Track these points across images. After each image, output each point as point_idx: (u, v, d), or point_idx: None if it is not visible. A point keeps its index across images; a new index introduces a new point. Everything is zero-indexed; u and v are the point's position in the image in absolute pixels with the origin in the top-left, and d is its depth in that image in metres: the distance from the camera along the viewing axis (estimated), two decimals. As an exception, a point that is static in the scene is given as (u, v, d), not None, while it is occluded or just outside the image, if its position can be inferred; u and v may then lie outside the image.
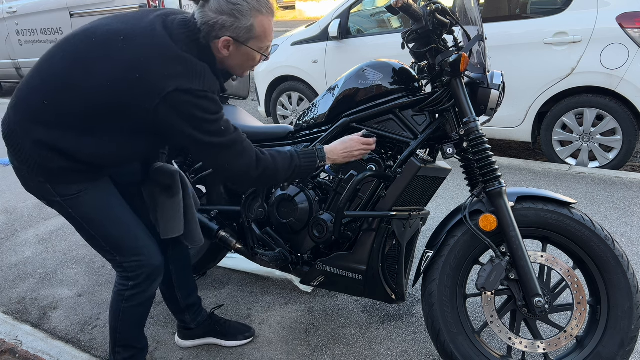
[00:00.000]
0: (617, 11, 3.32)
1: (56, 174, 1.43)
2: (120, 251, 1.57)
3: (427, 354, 1.94)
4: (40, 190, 1.48)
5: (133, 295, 1.63)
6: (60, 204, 1.49)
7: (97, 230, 1.54)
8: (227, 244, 2.07)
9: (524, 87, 3.69)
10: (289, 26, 14.06)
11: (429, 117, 1.74)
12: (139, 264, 1.59)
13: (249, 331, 2.07)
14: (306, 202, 1.88)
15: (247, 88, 2.35)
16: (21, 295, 2.49)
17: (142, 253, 1.58)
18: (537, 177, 3.57)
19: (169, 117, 1.36)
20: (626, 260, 1.57)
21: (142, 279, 1.61)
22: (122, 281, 1.63)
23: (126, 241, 1.56)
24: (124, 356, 1.74)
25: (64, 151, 1.39)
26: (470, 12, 1.75)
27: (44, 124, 1.38)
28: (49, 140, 1.38)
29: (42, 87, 1.39)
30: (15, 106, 1.41)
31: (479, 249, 1.70)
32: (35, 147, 1.39)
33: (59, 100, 1.37)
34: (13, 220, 3.37)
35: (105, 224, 1.54)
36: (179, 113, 1.35)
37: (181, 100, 1.34)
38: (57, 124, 1.38)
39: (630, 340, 1.56)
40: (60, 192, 1.47)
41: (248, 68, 1.57)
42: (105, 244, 1.56)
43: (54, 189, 1.46)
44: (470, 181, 1.73)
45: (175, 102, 1.34)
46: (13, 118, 1.42)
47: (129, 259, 1.58)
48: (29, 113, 1.39)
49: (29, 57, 7.22)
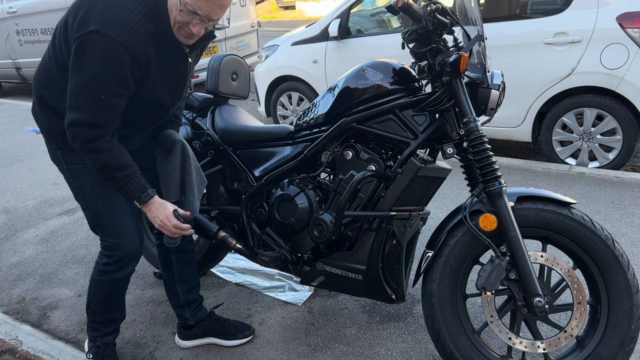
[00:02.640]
0: (617, 11, 3.32)
1: (63, 138, 1.57)
2: (102, 229, 1.70)
3: (427, 354, 1.94)
4: (55, 157, 1.67)
5: (104, 271, 1.75)
6: (66, 172, 1.66)
7: (87, 204, 1.68)
8: (227, 244, 2.07)
9: (524, 87, 3.69)
10: (289, 26, 14.06)
11: (429, 117, 1.74)
12: (114, 246, 1.69)
13: (248, 330, 2.07)
14: (306, 202, 1.88)
15: (247, 88, 2.36)
16: (21, 295, 2.49)
17: (120, 237, 1.68)
18: (537, 177, 3.57)
19: (78, 52, 1.38)
20: (626, 260, 1.57)
21: (114, 260, 1.71)
22: (100, 255, 1.76)
23: (109, 222, 1.68)
24: (93, 318, 1.87)
25: (60, 112, 1.52)
26: (470, 12, 1.75)
27: (46, 86, 1.56)
28: (50, 101, 1.56)
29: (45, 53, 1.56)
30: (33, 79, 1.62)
31: (479, 249, 1.70)
32: (44, 111, 1.58)
33: (49, 57, 1.52)
34: (13, 220, 3.37)
35: (95, 201, 1.66)
36: (83, 57, 1.38)
37: (95, 42, 1.35)
38: (51, 83, 1.54)
39: (630, 340, 1.56)
40: (67, 159, 1.63)
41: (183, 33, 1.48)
42: (91, 219, 1.72)
43: (63, 156, 1.64)
44: (470, 181, 1.73)
45: (87, 44, 1.36)
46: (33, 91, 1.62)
47: (107, 239, 1.70)
48: (37, 80, 1.59)
49: (29, 57, 7.23)
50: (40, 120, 1.64)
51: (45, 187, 3.92)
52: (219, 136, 2.11)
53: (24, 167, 4.41)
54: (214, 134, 2.12)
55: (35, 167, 4.40)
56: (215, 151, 2.12)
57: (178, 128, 1.90)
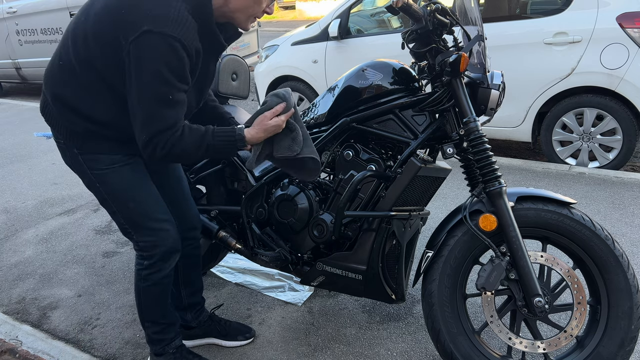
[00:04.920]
0: (617, 11, 3.32)
1: (83, 140, 1.53)
2: (138, 230, 1.64)
3: (427, 354, 1.94)
4: (75, 162, 1.59)
5: (149, 274, 1.69)
6: (90, 178, 1.59)
7: (119, 207, 1.62)
8: (227, 244, 2.07)
9: (524, 87, 3.69)
10: (289, 26, 14.06)
11: (429, 117, 1.74)
12: (153, 245, 1.65)
13: (249, 332, 2.07)
14: (306, 202, 1.88)
15: (247, 88, 2.36)
16: (21, 295, 2.49)
17: (156, 234, 1.65)
18: (537, 177, 3.57)
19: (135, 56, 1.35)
20: (626, 260, 1.57)
21: (156, 259, 1.67)
22: (139, 260, 1.70)
23: (143, 221, 1.63)
24: (153, 330, 1.81)
25: (82, 112, 1.48)
26: (470, 12, 1.75)
27: (63, 84, 1.48)
28: (69, 101, 1.48)
29: (58, 50, 1.50)
30: (45, 78, 1.53)
31: (479, 249, 1.70)
32: (61, 111, 1.50)
33: (68, 54, 1.45)
34: (13, 220, 3.37)
35: (127, 203, 1.61)
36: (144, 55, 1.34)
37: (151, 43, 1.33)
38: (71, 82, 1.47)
39: (630, 340, 1.56)
40: (90, 165, 1.56)
41: (252, 15, 1.51)
42: (125, 221, 1.64)
43: (85, 162, 1.56)
44: (470, 181, 1.73)
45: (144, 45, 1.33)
46: (44, 90, 1.54)
47: (144, 239, 1.65)
48: (52, 79, 1.51)
49: (29, 57, 7.23)
50: (56, 121, 1.55)
51: (45, 187, 3.92)
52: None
53: (24, 167, 4.41)
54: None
55: (35, 167, 4.40)
56: (215, 151, 2.12)
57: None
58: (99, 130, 1.52)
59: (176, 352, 1.84)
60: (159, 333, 1.81)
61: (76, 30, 1.45)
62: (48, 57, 6.97)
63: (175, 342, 1.85)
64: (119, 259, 2.79)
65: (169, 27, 1.33)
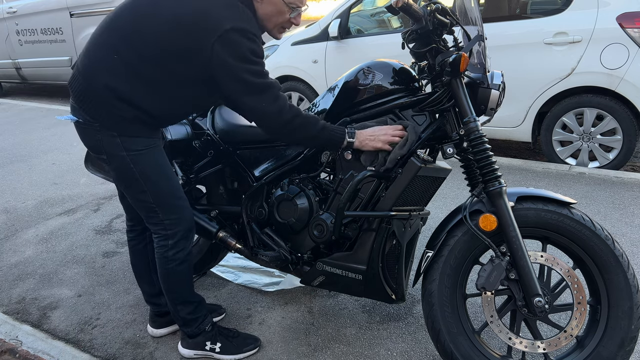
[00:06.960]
0: (617, 11, 3.32)
1: (129, 125, 1.61)
2: (164, 208, 1.73)
3: (427, 354, 1.94)
4: (108, 144, 1.64)
5: (175, 253, 1.77)
6: (123, 158, 1.65)
7: (150, 186, 1.70)
8: (227, 244, 2.07)
9: (524, 87, 3.69)
10: (289, 26, 14.05)
11: (429, 117, 1.74)
12: (177, 221, 1.75)
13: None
14: (306, 202, 1.88)
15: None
16: (21, 295, 2.49)
17: (181, 211, 1.76)
18: (537, 177, 3.57)
19: (222, 55, 1.51)
20: (626, 260, 1.57)
21: (180, 237, 1.77)
22: (162, 242, 1.77)
23: (171, 200, 1.74)
24: (187, 310, 1.88)
25: (135, 103, 1.58)
26: (470, 12, 1.75)
27: (118, 76, 1.56)
28: (124, 93, 1.57)
29: (111, 42, 1.58)
30: (91, 67, 1.59)
31: (479, 249, 1.70)
32: (111, 101, 1.57)
33: (128, 50, 1.55)
34: (13, 220, 3.37)
35: (159, 181, 1.71)
36: (232, 51, 1.52)
37: (234, 39, 1.51)
38: (129, 76, 1.56)
39: (630, 340, 1.56)
40: (127, 146, 1.64)
41: (278, 24, 1.68)
42: (153, 199, 1.72)
43: (123, 143, 1.63)
44: (470, 181, 1.73)
45: (229, 41, 1.51)
46: (90, 78, 1.59)
47: (170, 216, 1.74)
48: (105, 71, 1.57)
49: (29, 57, 7.23)
50: (99, 107, 1.60)
51: (45, 187, 3.92)
52: (219, 136, 2.11)
53: (24, 167, 4.41)
54: (214, 134, 2.12)
55: (35, 167, 4.40)
56: (215, 151, 2.12)
57: None
58: (147, 119, 1.63)
59: (213, 329, 1.94)
60: (192, 312, 1.88)
61: (142, 29, 1.56)
62: (48, 57, 6.98)
63: (209, 319, 1.95)
64: (119, 259, 2.79)
65: (245, 24, 1.54)
